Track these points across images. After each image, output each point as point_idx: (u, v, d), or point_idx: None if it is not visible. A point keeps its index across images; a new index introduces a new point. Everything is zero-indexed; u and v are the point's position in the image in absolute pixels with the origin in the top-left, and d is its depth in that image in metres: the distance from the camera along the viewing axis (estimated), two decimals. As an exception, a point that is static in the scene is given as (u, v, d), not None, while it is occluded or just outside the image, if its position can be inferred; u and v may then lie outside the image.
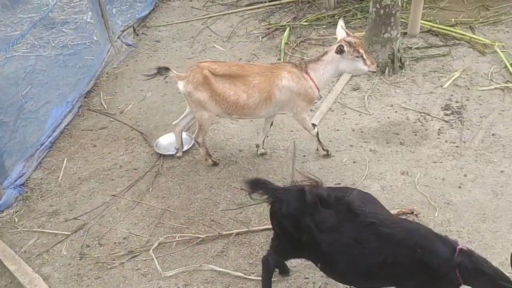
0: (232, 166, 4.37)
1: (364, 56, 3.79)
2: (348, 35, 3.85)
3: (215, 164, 4.35)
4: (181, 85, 3.95)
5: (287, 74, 3.86)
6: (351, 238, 2.53)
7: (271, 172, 4.25)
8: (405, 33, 5.95)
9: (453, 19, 6.21)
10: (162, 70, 3.97)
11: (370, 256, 2.52)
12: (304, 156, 4.39)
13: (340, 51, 3.74)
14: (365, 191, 3.85)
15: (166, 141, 4.68)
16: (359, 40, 3.83)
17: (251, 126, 4.83)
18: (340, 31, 3.92)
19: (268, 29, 6.68)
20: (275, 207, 2.77)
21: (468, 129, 4.47)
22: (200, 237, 3.63)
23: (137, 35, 6.83)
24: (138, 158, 4.56)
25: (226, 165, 4.38)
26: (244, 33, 6.68)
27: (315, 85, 3.90)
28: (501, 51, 5.47)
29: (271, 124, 4.35)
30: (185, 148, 4.56)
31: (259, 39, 6.47)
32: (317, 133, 4.21)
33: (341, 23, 3.97)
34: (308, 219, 2.61)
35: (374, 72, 4.00)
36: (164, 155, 4.52)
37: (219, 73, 3.87)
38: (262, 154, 4.40)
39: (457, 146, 4.28)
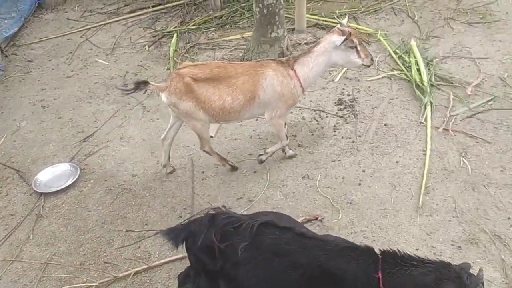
0: (126, 194, 3.99)
1: (358, 48, 3.60)
2: (341, 25, 3.65)
3: (234, 168, 4.05)
4: (164, 96, 3.59)
5: (272, 72, 3.62)
6: (269, 254, 2.41)
7: (169, 195, 3.93)
8: (293, 29, 5.90)
9: (337, 11, 6.29)
10: (141, 85, 3.55)
11: (289, 270, 2.38)
12: (203, 172, 4.13)
13: (342, 31, 3.54)
14: (268, 201, 3.78)
15: (47, 177, 4.17)
16: (353, 30, 3.64)
17: (143, 147, 4.46)
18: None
19: (154, 36, 6.30)
20: (189, 243, 2.59)
21: (362, 122, 4.50)
22: (93, 285, 3.22)
23: (6, 56, 6.08)
24: (14, 201, 3.99)
25: (119, 194, 3.99)
26: (129, 43, 6.23)
27: (300, 83, 3.68)
28: (384, 39, 5.63)
29: None
30: (69, 182, 4.08)
31: (145, 48, 6.07)
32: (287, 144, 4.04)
33: (344, 20, 3.73)
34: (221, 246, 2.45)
35: (368, 66, 3.75)
36: (45, 193, 4.00)
37: (201, 78, 3.54)
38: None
39: (353, 141, 4.27)
